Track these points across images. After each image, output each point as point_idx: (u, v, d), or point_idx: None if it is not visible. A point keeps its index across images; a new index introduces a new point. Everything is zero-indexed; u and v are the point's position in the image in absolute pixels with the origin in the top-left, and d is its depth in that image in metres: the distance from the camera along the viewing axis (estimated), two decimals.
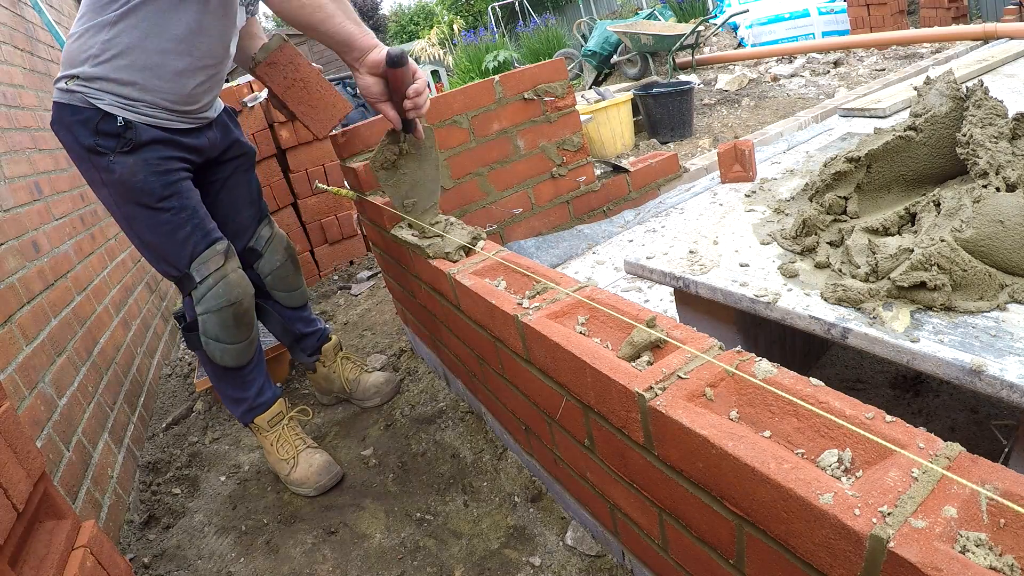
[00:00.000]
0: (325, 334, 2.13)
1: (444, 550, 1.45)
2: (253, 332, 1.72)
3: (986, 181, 1.00)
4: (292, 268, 1.97)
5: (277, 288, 1.95)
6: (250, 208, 1.87)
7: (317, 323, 2.12)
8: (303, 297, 2.02)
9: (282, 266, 1.93)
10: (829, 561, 0.61)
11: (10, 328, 1.68)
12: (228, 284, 1.60)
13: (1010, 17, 5.14)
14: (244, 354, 1.70)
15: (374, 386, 2.08)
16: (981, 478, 0.57)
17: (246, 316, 1.66)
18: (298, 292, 2.00)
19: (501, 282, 1.26)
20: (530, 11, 11.94)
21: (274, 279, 1.93)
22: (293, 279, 1.97)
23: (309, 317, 2.09)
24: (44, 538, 1.04)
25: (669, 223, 2.15)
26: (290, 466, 1.78)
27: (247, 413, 1.78)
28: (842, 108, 2.48)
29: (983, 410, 1.36)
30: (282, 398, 1.86)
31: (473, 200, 2.35)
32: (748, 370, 0.78)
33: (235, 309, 1.62)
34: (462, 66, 9.31)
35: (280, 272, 1.93)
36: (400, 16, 25.06)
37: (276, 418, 1.81)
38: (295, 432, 1.84)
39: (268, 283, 1.92)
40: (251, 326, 1.70)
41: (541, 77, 2.39)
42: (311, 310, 2.12)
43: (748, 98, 5.07)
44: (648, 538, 1.05)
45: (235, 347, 1.66)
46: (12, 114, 2.38)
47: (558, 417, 1.14)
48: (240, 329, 1.65)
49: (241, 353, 1.69)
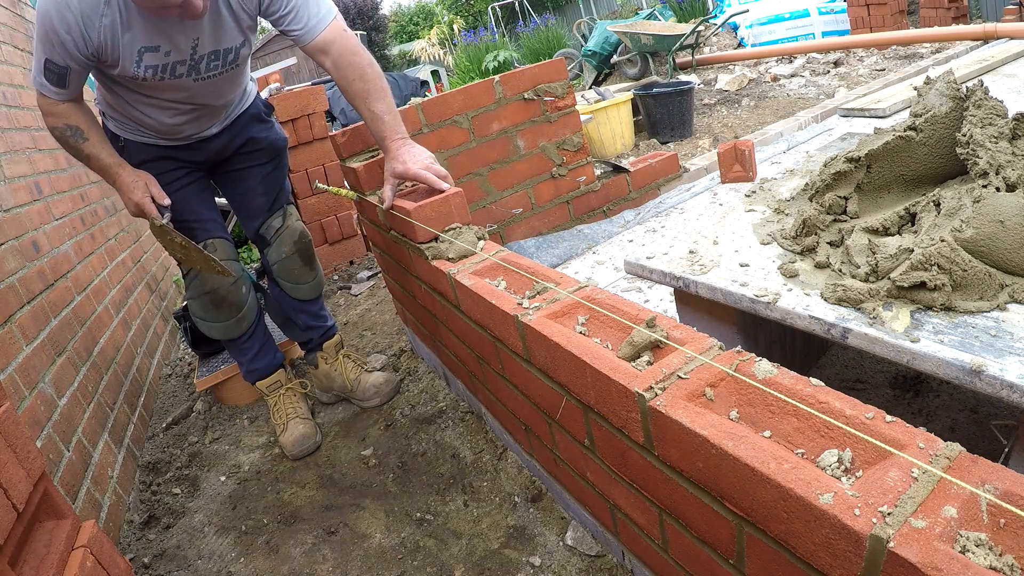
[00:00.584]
0: (330, 332, 2.18)
1: (444, 550, 1.45)
2: (241, 312, 1.94)
3: (986, 181, 1.00)
4: (299, 262, 2.02)
5: (282, 278, 2.04)
6: (262, 197, 1.97)
7: (325, 320, 2.18)
8: (311, 292, 2.08)
9: (288, 259, 2.00)
10: (829, 561, 0.61)
11: (10, 328, 1.68)
12: (204, 276, 1.84)
13: (1010, 17, 5.14)
14: (232, 330, 1.95)
15: (374, 386, 2.09)
16: (981, 478, 0.57)
17: (224, 301, 1.89)
18: (305, 286, 2.06)
19: (501, 282, 1.26)
20: (530, 11, 11.95)
21: (280, 269, 2.02)
22: (300, 273, 2.03)
23: (316, 312, 2.14)
24: (44, 538, 1.04)
25: (669, 223, 2.15)
26: (281, 429, 2.02)
27: (247, 375, 2.09)
28: (842, 108, 2.48)
29: (983, 410, 1.36)
30: (283, 369, 2.12)
31: (473, 200, 2.35)
32: (748, 370, 0.78)
33: (211, 296, 1.87)
34: (462, 66, 9.31)
35: (286, 264, 2.01)
36: (400, 16, 25.07)
37: (274, 385, 2.09)
38: (291, 401, 2.07)
39: (274, 271, 2.03)
40: (233, 308, 1.91)
41: (541, 77, 2.39)
42: (323, 306, 2.18)
43: (748, 98, 5.07)
44: (648, 538, 1.05)
45: (219, 325, 1.93)
46: (12, 114, 2.38)
47: (558, 417, 1.14)
48: (221, 311, 1.90)
49: (228, 329, 1.94)
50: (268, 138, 1.95)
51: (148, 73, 1.54)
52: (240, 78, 1.78)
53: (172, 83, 1.60)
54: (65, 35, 1.41)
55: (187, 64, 1.58)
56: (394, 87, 6.91)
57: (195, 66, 1.59)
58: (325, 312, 2.19)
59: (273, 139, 1.97)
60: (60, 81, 1.51)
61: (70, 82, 1.52)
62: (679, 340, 0.88)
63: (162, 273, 3.67)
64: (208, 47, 1.58)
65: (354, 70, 1.60)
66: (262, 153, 1.94)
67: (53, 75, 1.49)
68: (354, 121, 3.89)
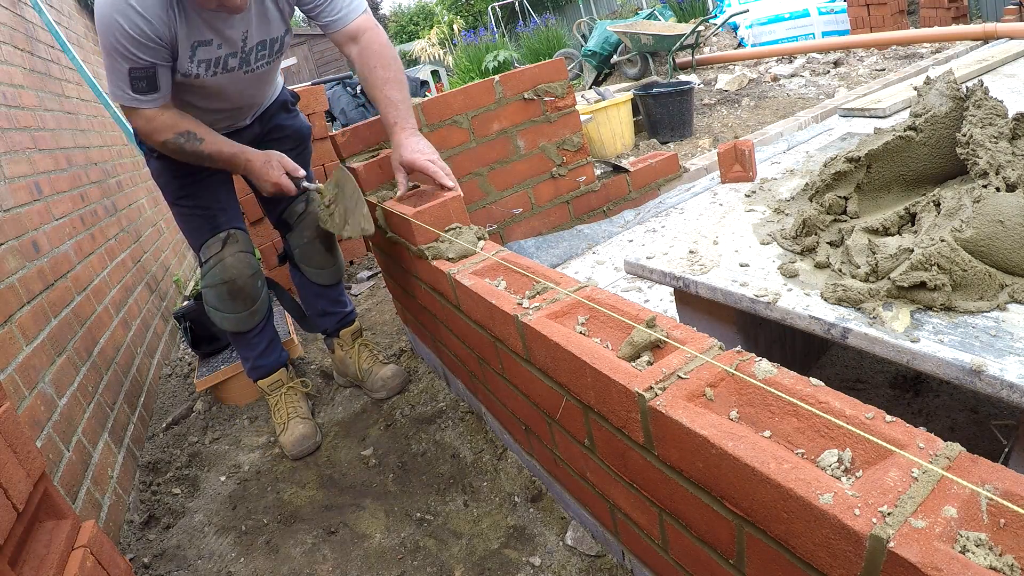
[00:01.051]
0: (349, 319, 2.20)
1: (444, 550, 1.45)
2: (255, 306, 1.92)
3: (986, 181, 1.00)
4: (321, 248, 2.04)
5: (304, 263, 2.05)
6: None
7: (345, 306, 2.19)
8: (331, 278, 2.10)
9: (309, 243, 2.02)
10: (829, 561, 0.61)
11: (10, 328, 1.68)
12: (224, 266, 1.83)
13: (1010, 17, 5.14)
14: (244, 322, 1.93)
15: (381, 379, 2.11)
16: (981, 478, 0.57)
17: (241, 293, 1.87)
18: (326, 272, 2.08)
19: (501, 282, 1.26)
20: (530, 11, 11.94)
21: (301, 253, 2.04)
22: (321, 258, 2.05)
23: (336, 298, 2.16)
24: (44, 538, 1.04)
25: (669, 223, 2.15)
26: (281, 429, 2.01)
27: (251, 371, 2.07)
28: (842, 108, 2.48)
29: (983, 410, 1.36)
30: (285, 368, 2.09)
31: (473, 200, 2.35)
32: (748, 370, 0.78)
33: (229, 287, 1.85)
34: (462, 66, 9.30)
35: (307, 248, 2.03)
36: (400, 16, 25.05)
37: (275, 384, 2.07)
38: (292, 401, 2.05)
39: (296, 256, 2.05)
40: (248, 300, 1.90)
41: (541, 77, 2.39)
42: (342, 292, 2.19)
43: (748, 98, 5.07)
44: (648, 538, 1.05)
45: (233, 316, 1.91)
46: (12, 114, 2.38)
47: (558, 417, 1.14)
48: (236, 302, 1.88)
49: (241, 321, 1.92)
50: (293, 126, 2.01)
51: (201, 69, 1.56)
52: (278, 69, 1.83)
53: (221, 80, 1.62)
54: (139, 36, 1.41)
55: (238, 57, 1.61)
56: None
57: (246, 58, 1.63)
58: (345, 298, 2.20)
59: (298, 127, 2.03)
60: (151, 85, 1.50)
61: (160, 82, 1.51)
62: (679, 340, 0.88)
63: (162, 273, 3.67)
64: (256, 38, 1.62)
65: (380, 59, 1.65)
66: (288, 140, 1.98)
67: (142, 82, 1.48)
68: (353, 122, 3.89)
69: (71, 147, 2.93)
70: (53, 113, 2.89)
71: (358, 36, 1.66)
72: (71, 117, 3.17)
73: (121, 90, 1.50)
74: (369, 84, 1.68)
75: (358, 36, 1.66)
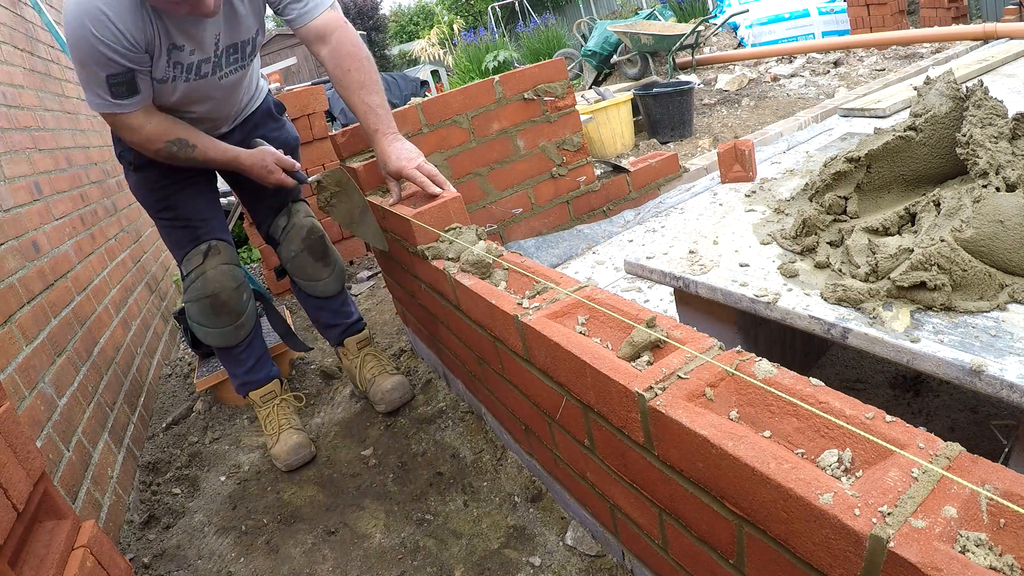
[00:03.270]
0: (354, 328, 2.12)
1: (444, 550, 1.45)
2: (240, 320, 1.85)
3: (986, 181, 1.00)
4: (310, 259, 1.97)
5: (297, 276, 2.00)
6: (272, 197, 1.93)
7: (349, 316, 2.11)
8: (328, 289, 2.03)
9: (298, 256, 1.96)
10: (829, 561, 0.61)
11: (10, 328, 1.68)
12: (205, 279, 1.77)
13: (1010, 17, 5.14)
14: (229, 337, 1.86)
15: (380, 391, 2.02)
16: (981, 478, 0.57)
17: (224, 307, 1.81)
18: (320, 283, 2.01)
19: (501, 282, 1.26)
20: (530, 11, 11.94)
21: (292, 267, 1.99)
22: (312, 270, 1.98)
23: (338, 308, 2.08)
24: (44, 538, 1.04)
25: (669, 223, 2.15)
26: (273, 441, 1.95)
27: (241, 387, 1.99)
28: (842, 108, 2.48)
29: (983, 410, 1.36)
30: (278, 380, 2.02)
31: (473, 200, 2.35)
32: (748, 370, 0.78)
33: (211, 300, 1.79)
34: (462, 66, 9.30)
35: (297, 261, 1.97)
36: (400, 16, 25.06)
37: (268, 396, 1.99)
38: (284, 413, 1.99)
39: (289, 269, 2.01)
40: (233, 314, 1.83)
41: (541, 77, 2.39)
42: (345, 301, 2.11)
43: (748, 98, 5.07)
44: (648, 538, 1.05)
45: (217, 331, 1.84)
46: (12, 114, 2.38)
47: (558, 417, 1.14)
48: (219, 317, 1.81)
49: (225, 336, 1.85)
50: (280, 137, 1.92)
51: (177, 71, 1.53)
52: (253, 73, 1.78)
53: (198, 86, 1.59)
54: (113, 42, 1.38)
55: (211, 62, 1.57)
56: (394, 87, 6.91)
57: (218, 62, 1.59)
58: (349, 308, 2.12)
59: (286, 138, 1.95)
60: (131, 88, 1.47)
61: (140, 85, 1.48)
62: (679, 340, 0.88)
63: (162, 273, 3.67)
64: (225, 42, 1.57)
65: (351, 60, 1.60)
66: None
67: (122, 87, 1.45)
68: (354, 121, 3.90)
69: (71, 147, 2.93)
70: (53, 113, 2.89)
71: (327, 35, 1.59)
72: (71, 117, 3.17)
73: (100, 97, 1.46)
74: (344, 88, 1.63)
75: (327, 35, 1.59)
